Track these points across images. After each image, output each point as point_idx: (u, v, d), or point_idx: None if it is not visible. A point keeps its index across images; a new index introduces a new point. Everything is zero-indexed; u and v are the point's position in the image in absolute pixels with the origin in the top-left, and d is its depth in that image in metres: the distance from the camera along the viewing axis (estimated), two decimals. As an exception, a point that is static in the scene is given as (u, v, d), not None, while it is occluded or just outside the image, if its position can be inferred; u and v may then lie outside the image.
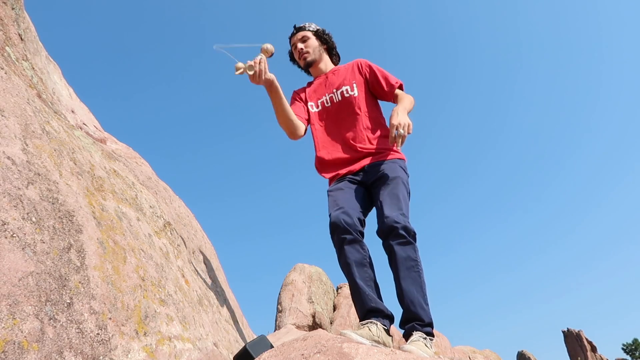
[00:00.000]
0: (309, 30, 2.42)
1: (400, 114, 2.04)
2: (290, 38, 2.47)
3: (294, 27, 2.46)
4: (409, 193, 2.13)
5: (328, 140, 2.29)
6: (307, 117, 2.34)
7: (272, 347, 1.68)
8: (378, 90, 2.34)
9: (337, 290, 7.59)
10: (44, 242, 1.09)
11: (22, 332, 0.92)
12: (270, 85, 2.09)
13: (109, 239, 1.36)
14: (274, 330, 5.67)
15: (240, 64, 2.03)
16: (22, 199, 1.11)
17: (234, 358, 1.70)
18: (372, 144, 2.22)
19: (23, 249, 1.02)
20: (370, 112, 2.29)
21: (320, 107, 2.34)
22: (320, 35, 2.43)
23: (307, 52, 2.39)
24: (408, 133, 1.99)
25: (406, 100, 2.19)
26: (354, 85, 2.31)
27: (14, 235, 1.02)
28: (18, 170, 1.16)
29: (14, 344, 0.89)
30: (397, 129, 1.97)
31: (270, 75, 2.05)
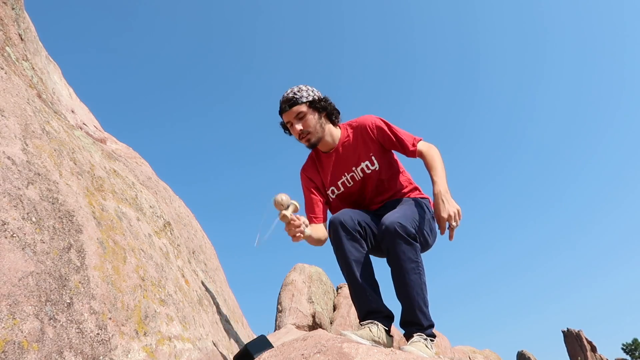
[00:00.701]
0: (302, 102, 2.09)
1: (446, 202, 1.87)
2: (280, 114, 2.16)
3: (283, 102, 2.13)
4: (425, 216, 2.02)
5: (353, 205, 2.20)
6: (325, 211, 2.20)
7: (272, 347, 1.68)
8: (397, 151, 2.21)
9: (337, 290, 7.59)
10: (44, 242, 1.09)
11: (22, 332, 0.92)
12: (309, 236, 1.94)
13: (109, 239, 1.36)
14: (274, 330, 5.67)
15: (284, 202, 1.78)
16: (22, 199, 1.11)
17: (234, 358, 1.70)
18: (397, 189, 2.18)
19: (23, 249, 1.02)
20: (394, 175, 2.20)
21: (342, 189, 2.20)
22: (316, 105, 2.12)
23: (309, 133, 2.10)
24: (459, 219, 1.87)
25: (438, 167, 2.01)
26: (373, 158, 2.15)
27: (14, 235, 1.02)
28: (18, 170, 1.16)
29: (14, 344, 0.89)
30: (448, 222, 1.85)
31: (307, 234, 1.87)
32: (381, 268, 2.04)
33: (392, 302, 1.96)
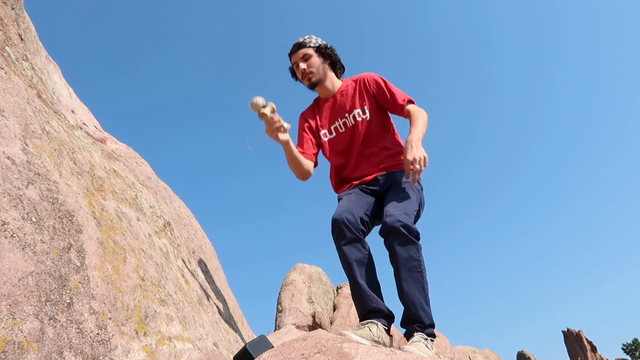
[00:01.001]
0: (309, 46, 2.28)
1: (414, 147, 1.95)
2: (290, 55, 2.34)
3: (294, 45, 2.32)
4: (420, 202, 2.09)
5: (344, 164, 2.27)
6: (315, 151, 2.29)
7: (272, 347, 1.68)
8: (387, 108, 2.29)
9: (337, 290, 7.59)
10: (44, 242, 1.09)
11: (22, 332, 0.92)
12: (287, 143, 2.08)
13: (109, 239, 1.36)
14: (274, 330, 5.67)
15: (260, 103, 1.96)
16: (22, 199, 1.11)
17: (234, 358, 1.70)
18: (388, 160, 2.21)
19: (23, 249, 1.02)
20: (384, 131, 2.26)
21: (334, 134, 2.29)
22: (322, 51, 2.29)
23: (311, 73, 2.26)
24: (424, 167, 1.93)
25: (419, 123, 2.10)
26: (365, 107, 2.25)
27: (14, 235, 1.02)
28: (18, 170, 1.16)
29: (14, 344, 0.89)
30: (412, 164, 1.91)
31: (285, 137, 2.02)
32: (383, 269, 2.04)
33: (393, 301, 1.96)
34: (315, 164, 2.30)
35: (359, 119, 2.24)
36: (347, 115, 2.26)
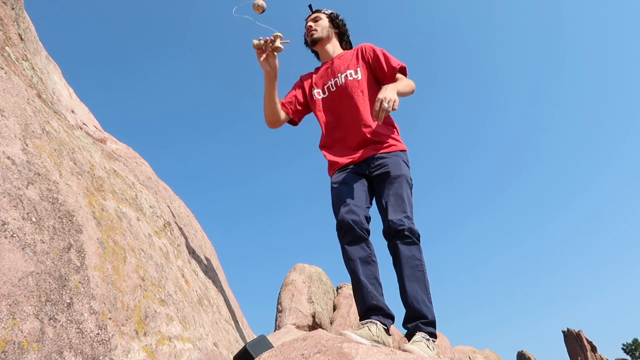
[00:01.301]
0: (323, 12, 2.47)
1: (388, 90, 2.00)
2: (306, 20, 2.50)
3: (310, 7, 2.50)
4: (411, 188, 2.14)
5: (333, 124, 2.30)
6: (294, 108, 2.38)
7: (272, 347, 1.68)
8: (379, 73, 2.33)
9: (337, 290, 7.59)
10: (44, 242, 1.09)
11: (22, 332, 0.92)
12: (271, 75, 2.18)
13: (109, 239, 1.36)
14: (274, 330, 5.67)
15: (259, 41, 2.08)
16: (22, 199, 1.11)
17: (234, 358, 1.70)
18: (376, 133, 2.22)
19: (23, 249, 1.02)
20: (373, 95, 2.27)
21: (327, 93, 2.35)
22: (333, 18, 2.45)
23: (315, 30, 2.40)
24: (393, 109, 1.96)
25: (402, 81, 2.17)
26: (358, 69, 2.31)
27: (14, 235, 1.02)
28: (18, 170, 1.16)
29: (14, 344, 0.89)
30: (381, 103, 1.94)
31: (270, 69, 2.13)
32: (386, 270, 2.04)
33: (394, 303, 1.96)
34: (293, 121, 2.40)
35: (350, 78, 2.29)
36: (339, 75, 2.33)
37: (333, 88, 2.33)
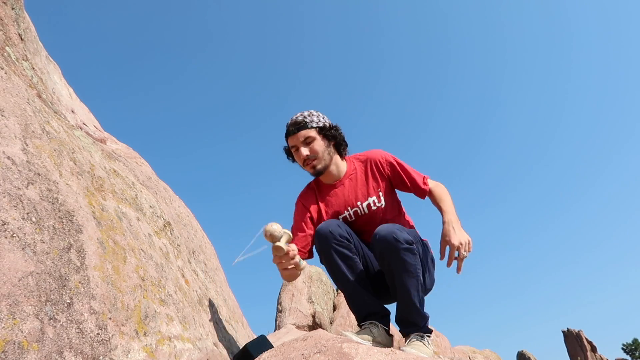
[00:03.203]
0: (312, 127, 1.98)
1: (457, 230, 1.79)
2: (287, 137, 2.04)
3: (292, 124, 2.01)
4: (428, 258, 1.96)
5: None
6: (310, 248, 1.99)
7: (272, 347, 1.68)
8: (404, 190, 2.09)
9: (337, 290, 7.59)
10: (44, 242, 1.09)
11: (22, 332, 0.92)
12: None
13: (109, 239, 1.35)
14: (274, 330, 5.67)
15: (276, 234, 1.67)
16: (22, 199, 1.11)
17: (234, 358, 1.70)
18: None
19: (23, 249, 1.02)
20: (397, 215, 2.08)
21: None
22: (326, 132, 2.01)
23: (316, 159, 1.98)
24: (469, 251, 1.77)
25: (448, 201, 1.94)
26: (380, 194, 2.02)
27: (14, 235, 1.02)
28: (18, 170, 1.16)
29: (14, 344, 0.89)
30: (457, 250, 1.75)
31: (303, 265, 1.79)
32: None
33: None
34: (309, 257, 2.01)
35: (373, 207, 2.00)
36: (359, 204, 2.01)
37: (352, 218, 2.02)
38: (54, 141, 1.45)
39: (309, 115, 2.01)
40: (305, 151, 1.98)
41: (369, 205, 2.00)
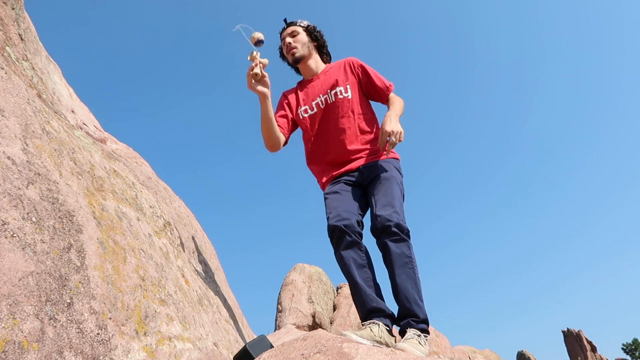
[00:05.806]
0: (299, 25, 2.38)
1: (393, 121, 2.06)
2: (280, 33, 2.42)
3: (285, 21, 2.42)
4: (403, 193, 2.13)
5: (321, 143, 2.27)
6: (288, 127, 2.31)
7: (272, 347, 1.68)
8: (371, 93, 2.33)
9: (337, 290, 7.59)
10: (44, 242, 1.09)
11: (22, 332, 0.92)
12: (268, 97, 2.10)
13: (109, 239, 1.36)
14: (274, 330, 5.67)
15: (256, 57, 2.02)
16: (22, 199, 1.11)
17: (234, 358, 1.70)
18: (366, 145, 2.22)
19: (23, 249, 1.02)
20: (364, 113, 2.27)
21: (314, 110, 2.29)
22: (310, 31, 2.38)
23: (295, 47, 2.33)
24: (399, 141, 2.02)
25: (398, 105, 2.22)
26: (348, 86, 2.27)
27: (14, 235, 1.02)
28: (18, 170, 1.16)
29: (14, 343, 0.89)
30: (389, 136, 2.01)
31: (266, 90, 2.06)
32: (381, 271, 2.04)
33: (391, 302, 1.96)
34: (286, 142, 2.32)
35: (340, 96, 2.25)
36: (328, 91, 2.28)
37: (322, 105, 2.28)
38: (54, 141, 1.45)
39: (300, 19, 2.41)
40: (289, 40, 2.35)
41: (336, 94, 2.26)
